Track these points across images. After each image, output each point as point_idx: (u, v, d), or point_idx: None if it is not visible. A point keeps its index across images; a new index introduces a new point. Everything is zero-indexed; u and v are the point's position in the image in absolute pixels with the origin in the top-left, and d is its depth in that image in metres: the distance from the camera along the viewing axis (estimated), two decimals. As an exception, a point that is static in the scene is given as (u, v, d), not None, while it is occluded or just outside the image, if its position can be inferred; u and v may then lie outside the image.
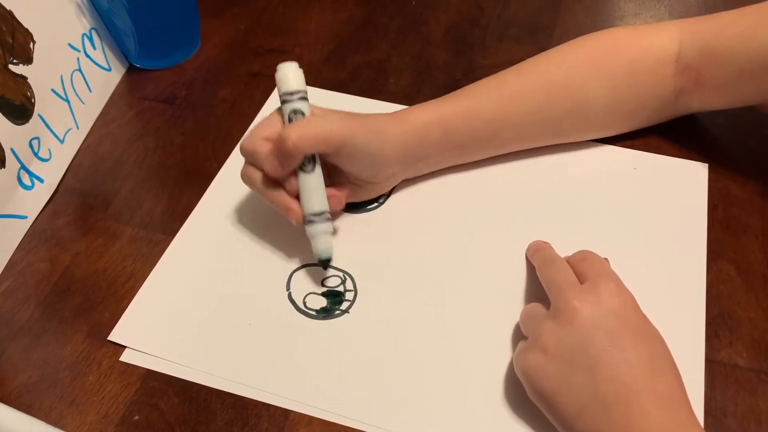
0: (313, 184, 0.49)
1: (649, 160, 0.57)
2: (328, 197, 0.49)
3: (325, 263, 0.50)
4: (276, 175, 0.48)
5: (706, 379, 0.45)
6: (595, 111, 0.55)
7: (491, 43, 0.69)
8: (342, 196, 0.51)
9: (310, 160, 0.48)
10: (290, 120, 0.49)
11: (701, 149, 0.58)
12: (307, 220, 0.49)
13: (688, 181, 0.56)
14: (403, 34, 0.71)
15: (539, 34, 0.70)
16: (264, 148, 0.48)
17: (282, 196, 0.49)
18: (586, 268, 0.44)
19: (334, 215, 0.52)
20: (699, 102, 0.55)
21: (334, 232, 0.52)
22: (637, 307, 0.42)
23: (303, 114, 0.49)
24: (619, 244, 0.51)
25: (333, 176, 0.51)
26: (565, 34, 0.69)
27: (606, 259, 0.46)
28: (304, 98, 0.49)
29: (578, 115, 0.55)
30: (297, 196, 0.49)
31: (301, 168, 0.48)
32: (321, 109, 0.50)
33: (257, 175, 0.49)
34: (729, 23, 0.52)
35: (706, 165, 0.56)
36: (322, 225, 0.49)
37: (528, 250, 0.51)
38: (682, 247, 0.51)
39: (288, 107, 0.49)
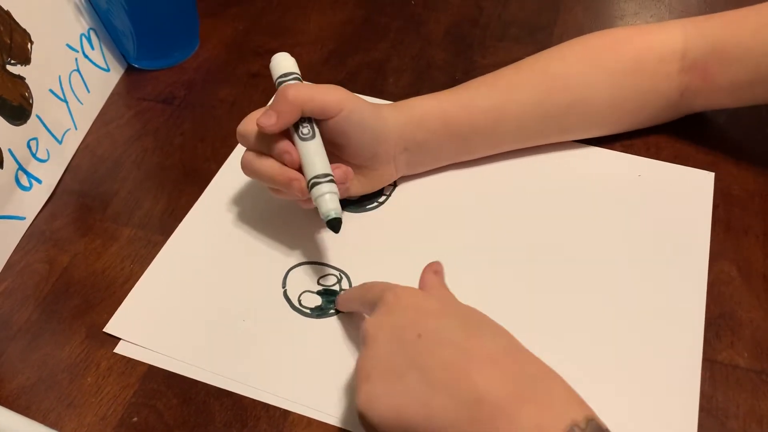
0: (314, 149, 0.48)
1: (655, 166, 0.56)
2: (334, 169, 0.48)
3: (335, 225, 0.47)
4: (270, 128, 0.47)
5: (708, 379, 0.45)
6: (596, 107, 0.55)
7: (491, 43, 0.69)
8: (348, 168, 0.50)
9: (308, 126, 0.48)
10: None
11: (702, 148, 0.57)
12: (311, 184, 0.47)
13: (693, 188, 0.55)
14: (403, 35, 0.71)
15: (539, 34, 0.69)
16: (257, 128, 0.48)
17: (283, 169, 0.48)
18: (370, 297, 0.44)
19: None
20: (704, 101, 0.55)
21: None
22: (422, 293, 0.42)
23: None
24: (619, 245, 0.51)
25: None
26: (564, 34, 0.69)
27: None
28: (298, 79, 0.50)
29: (579, 111, 0.54)
30: (298, 170, 0.48)
31: (301, 136, 0.48)
32: None
33: (254, 157, 0.49)
34: (740, 20, 0.51)
35: (713, 174, 0.56)
36: (327, 185, 0.47)
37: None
38: (684, 250, 0.51)
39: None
